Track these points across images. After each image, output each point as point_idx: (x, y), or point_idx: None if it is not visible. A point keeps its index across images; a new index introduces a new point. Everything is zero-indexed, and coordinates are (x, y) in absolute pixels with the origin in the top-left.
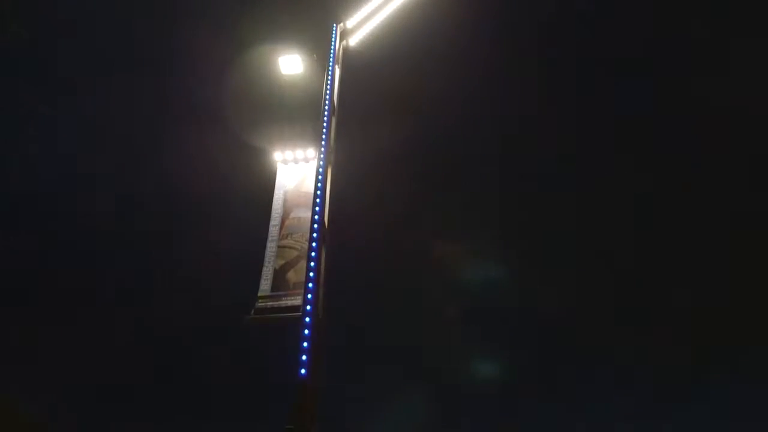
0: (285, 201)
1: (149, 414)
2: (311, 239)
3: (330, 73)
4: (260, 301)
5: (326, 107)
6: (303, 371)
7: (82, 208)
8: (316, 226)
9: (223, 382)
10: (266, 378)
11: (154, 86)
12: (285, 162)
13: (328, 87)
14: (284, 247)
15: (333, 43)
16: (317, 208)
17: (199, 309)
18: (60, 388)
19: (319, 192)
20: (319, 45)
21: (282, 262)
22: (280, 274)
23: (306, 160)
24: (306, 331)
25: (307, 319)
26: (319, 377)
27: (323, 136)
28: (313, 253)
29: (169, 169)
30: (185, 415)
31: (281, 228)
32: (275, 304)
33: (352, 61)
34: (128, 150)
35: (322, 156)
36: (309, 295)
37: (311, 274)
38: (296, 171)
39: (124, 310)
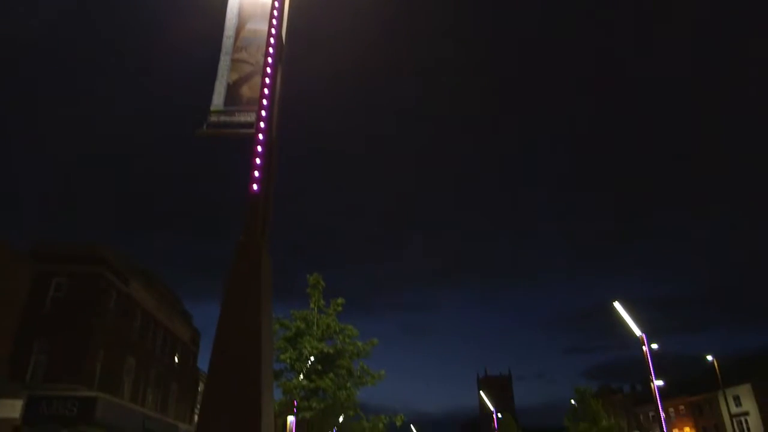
0: (240, 10)
1: (102, 221)
2: (267, 54)
3: None
4: (212, 115)
5: None
6: (255, 187)
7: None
8: (273, 40)
9: (177, 195)
10: (218, 192)
11: None
12: None
13: None
14: (238, 60)
15: None
16: (275, 21)
17: (150, 121)
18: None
19: (277, 3)
20: None
21: (236, 76)
22: (233, 89)
23: None
24: (259, 148)
25: (260, 136)
26: (270, 192)
27: None
28: (269, 69)
29: None
30: (139, 224)
31: (236, 40)
32: (228, 119)
33: None
34: None
35: None
36: (263, 112)
37: (266, 90)
38: None
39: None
